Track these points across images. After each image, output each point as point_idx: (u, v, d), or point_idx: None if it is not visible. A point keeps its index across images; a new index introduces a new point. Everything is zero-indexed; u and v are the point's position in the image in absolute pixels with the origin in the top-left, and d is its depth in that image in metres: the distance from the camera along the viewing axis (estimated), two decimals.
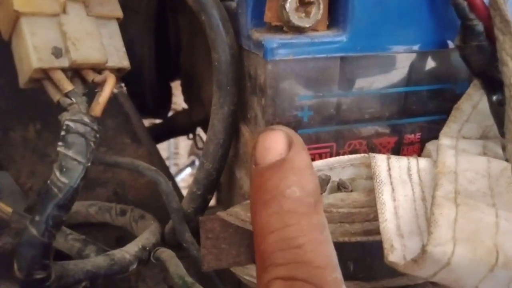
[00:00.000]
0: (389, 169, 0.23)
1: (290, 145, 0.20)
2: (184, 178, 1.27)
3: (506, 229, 0.19)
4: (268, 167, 0.20)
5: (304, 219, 0.19)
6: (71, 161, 0.21)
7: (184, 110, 0.54)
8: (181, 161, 1.45)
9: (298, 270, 0.18)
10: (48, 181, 0.21)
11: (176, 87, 0.55)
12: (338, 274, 0.18)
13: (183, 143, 1.44)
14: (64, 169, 0.21)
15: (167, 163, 1.39)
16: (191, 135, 0.55)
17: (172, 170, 1.34)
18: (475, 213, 0.19)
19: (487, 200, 0.21)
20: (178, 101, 0.71)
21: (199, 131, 0.55)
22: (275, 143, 0.20)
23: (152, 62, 0.44)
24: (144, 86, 0.44)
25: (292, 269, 0.18)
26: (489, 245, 0.18)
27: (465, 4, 0.22)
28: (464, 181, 0.21)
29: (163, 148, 1.37)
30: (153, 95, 0.45)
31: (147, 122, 0.56)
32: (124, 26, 0.27)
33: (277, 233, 0.18)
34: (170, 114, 0.58)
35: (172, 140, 1.39)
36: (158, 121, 0.57)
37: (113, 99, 0.36)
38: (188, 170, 1.33)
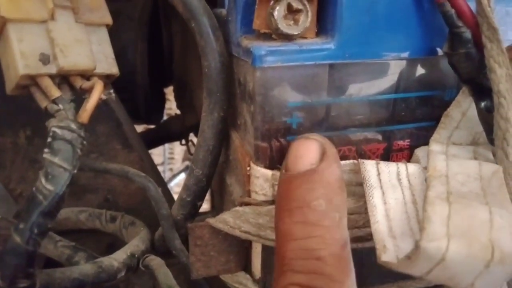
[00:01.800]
0: (379, 173, 0.23)
1: (322, 155, 0.20)
2: (179, 183, 1.27)
3: (501, 225, 0.19)
4: (298, 175, 0.20)
5: (328, 233, 0.19)
6: (57, 168, 0.21)
7: (177, 115, 0.54)
8: (176, 166, 1.45)
9: (318, 280, 0.18)
10: (34, 188, 0.21)
11: (171, 92, 0.55)
12: None
13: (178, 148, 1.43)
14: (50, 176, 0.21)
15: (162, 168, 1.39)
16: (184, 141, 0.55)
17: (167, 175, 1.34)
18: (468, 210, 0.19)
19: (480, 200, 0.20)
20: (173, 107, 0.71)
21: (192, 136, 0.55)
22: (308, 152, 0.21)
23: (145, 68, 0.44)
24: (136, 92, 0.44)
25: (311, 278, 0.18)
26: (484, 241, 0.18)
27: (452, 11, 0.22)
28: (456, 183, 0.21)
29: (158, 153, 1.37)
30: (146, 101, 0.45)
31: (140, 128, 0.56)
32: (117, 32, 0.27)
33: (299, 242, 0.19)
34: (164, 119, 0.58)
35: (167, 145, 1.38)
36: (152, 126, 0.57)
37: (104, 105, 0.35)
38: (183, 176, 1.33)
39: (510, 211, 0.19)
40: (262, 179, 0.24)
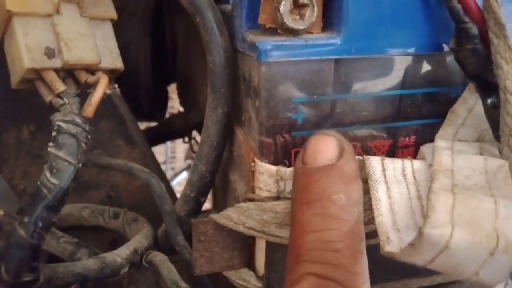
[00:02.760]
0: (384, 169, 0.23)
1: (341, 152, 0.21)
2: (181, 182, 1.27)
3: (506, 215, 0.18)
4: (317, 169, 0.20)
5: (346, 226, 0.19)
6: (62, 162, 0.21)
7: (180, 113, 0.54)
8: (178, 165, 1.45)
9: (335, 272, 0.18)
10: (38, 182, 0.21)
11: (174, 90, 0.55)
12: (369, 286, 0.19)
13: (180, 147, 1.43)
14: (55, 170, 0.21)
15: (164, 167, 1.38)
16: (187, 139, 0.55)
17: (169, 174, 1.34)
18: (473, 201, 0.19)
19: (485, 192, 0.20)
20: (176, 105, 0.71)
21: (195, 134, 0.55)
22: (327, 147, 0.21)
23: (148, 64, 0.44)
24: (139, 89, 0.44)
25: (328, 269, 0.18)
26: (489, 229, 0.18)
27: (459, 7, 0.22)
28: (460, 177, 0.21)
29: (160, 152, 1.37)
30: (149, 97, 0.45)
31: (143, 125, 0.56)
32: (120, 28, 0.27)
33: (317, 233, 0.19)
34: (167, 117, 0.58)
35: (169, 144, 1.38)
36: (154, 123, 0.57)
37: (107, 101, 0.35)
38: (185, 174, 1.33)
39: None
40: (267, 175, 0.24)
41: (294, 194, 0.21)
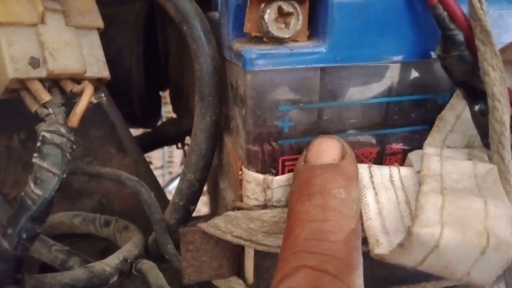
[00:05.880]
0: (371, 176, 0.23)
1: (344, 154, 0.22)
2: None
3: (496, 214, 0.18)
4: (320, 166, 0.21)
5: (344, 220, 0.20)
6: (46, 173, 0.21)
7: (173, 119, 0.54)
8: (175, 169, 1.45)
9: (330, 263, 0.18)
10: (22, 193, 0.21)
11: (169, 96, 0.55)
12: (362, 281, 0.19)
13: (177, 152, 1.43)
14: (39, 181, 0.21)
15: (161, 171, 1.38)
16: (180, 144, 0.55)
17: (166, 178, 1.34)
18: (462, 201, 0.19)
19: (474, 194, 0.20)
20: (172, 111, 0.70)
21: (189, 140, 0.55)
22: (330, 148, 0.22)
23: (140, 71, 0.44)
24: (132, 96, 0.44)
25: (323, 260, 0.18)
26: (479, 228, 0.18)
27: (445, 14, 0.21)
28: (450, 181, 0.21)
29: (157, 157, 1.37)
30: (142, 104, 0.45)
31: (139, 131, 0.55)
32: (113, 36, 0.27)
33: (316, 223, 0.19)
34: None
35: (166, 149, 1.38)
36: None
37: (98, 108, 0.35)
38: None
39: (505, 202, 0.19)
40: (254, 183, 0.24)
41: (295, 187, 0.21)
